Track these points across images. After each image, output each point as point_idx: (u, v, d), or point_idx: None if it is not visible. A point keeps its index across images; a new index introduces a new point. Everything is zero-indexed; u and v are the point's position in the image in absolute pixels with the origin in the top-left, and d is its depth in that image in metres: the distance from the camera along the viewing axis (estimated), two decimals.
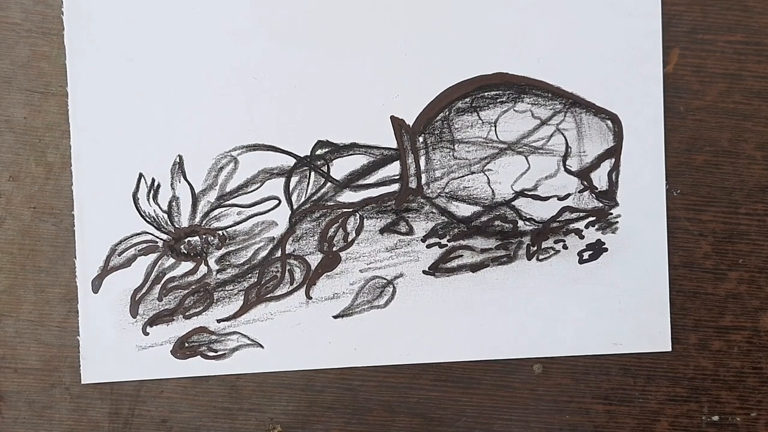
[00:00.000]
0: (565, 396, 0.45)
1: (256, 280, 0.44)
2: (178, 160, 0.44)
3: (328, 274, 0.45)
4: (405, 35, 0.44)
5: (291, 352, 0.45)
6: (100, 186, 0.44)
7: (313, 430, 0.45)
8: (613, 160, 0.45)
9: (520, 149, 0.45)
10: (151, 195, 0.44)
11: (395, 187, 0.45)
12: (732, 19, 0.44)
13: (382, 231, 0.45)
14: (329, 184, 0.44)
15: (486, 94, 0.44)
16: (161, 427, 0.45)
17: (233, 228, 0.44)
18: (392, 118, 0.44)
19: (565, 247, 0.45)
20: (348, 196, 0.44)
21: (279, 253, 0.44)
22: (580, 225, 0.45)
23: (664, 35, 0.44)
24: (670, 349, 0.45)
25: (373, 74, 0.44)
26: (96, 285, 0.44)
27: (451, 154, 0.45)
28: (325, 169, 0.44)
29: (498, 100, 0.44)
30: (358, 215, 0.45)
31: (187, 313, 0.44)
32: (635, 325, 0.45)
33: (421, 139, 0.44)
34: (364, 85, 0.44)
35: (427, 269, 0.45)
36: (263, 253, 0.44)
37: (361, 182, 0.44)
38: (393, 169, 0.44)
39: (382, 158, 0.44)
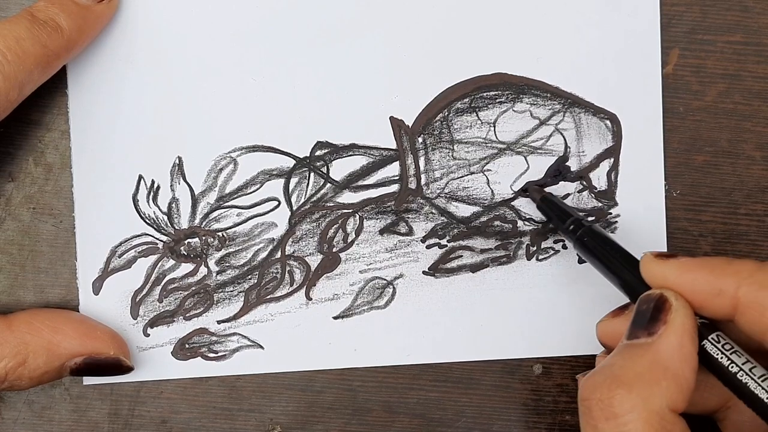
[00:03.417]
0: (565, 396, 0.45)
1: (256, 281, 0.44)
2: (177, 161, 0.44)
3: (328, 275, 0.45)
4: (404, 35, 0.44)
5: (291, 352, 0.45)
6: (100, 187, 0.44)
7: (312, 430, 0.45)
8: (612, 160, 0.45)
9: (520, 149, 0.45)
10: (150, 197, 0.44)
11: (395, 187, 0.45)
12: (731, 20, 0.44)
13: (381, 232, 0.45)
14: (329, 185, 0.44)
15: (485, 94, 0.44)
16: (161, 427, 0.45)
17: (233, 229, 0.44)
18: (391, 118, 0.44)
19: (564, 246, 0.45)
20: (347, 197, 0.44)
21: (279, 255, 0.44)
22: None
23: (663, 35, 0.44)
24: None
25: (372, 75, 0.44)
26: (96, 287, 0.44)
27: (450, 154, 0.45)
28: (324, 170, 0.44)
29: (497, 101, 0.44)
30: (357, 216, 0.45)
31: (187, 315, 0.44)
32: None
33: (420, 139, 0.44)
34: (364, 85, 0.44)
35: (427, 270, 0.45)
36: (263, 255, 0.44)
37: (360, 183, 0.44)
38: (392, 169, 0.44)
39: (381, 159, 0.44)
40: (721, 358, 0.35)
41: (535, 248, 0.45)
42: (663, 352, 0.34)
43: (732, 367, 0.35)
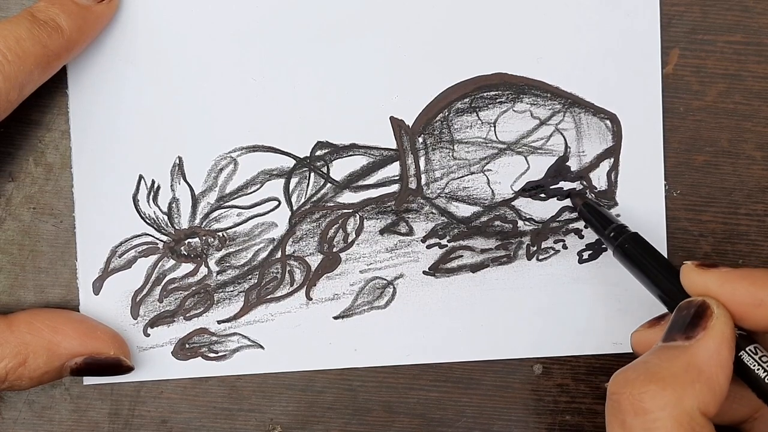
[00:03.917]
0: (565, 396, 0.45)
1: (256, 281, 0.44)
2: (177, 161, 0.44)
3: (329, 275, 0.45)
4: (404, 35, 0.44)
5: (291, 352, 0.45)
6: (100, 187, 0.44)
7: (313, 430, 0.45)
8: (612, 159, 0.45)
9: (520, 149, 0.45)
10: (151, 197, 0.44)
11: (395, 187, 0.45)
12: (732, 20, 0.44)
13: (382, 232, 0.45)
14: (329, 185, 0.44)
15: (485, 94, 0.44)
16: (161, 427, 0.45)
17: (233, 229, 0.44)
18: (392, 118, 0.44)
19: (564, 246, 0.45)
20: (348, 197, 0.44)
21: (279, 255, 0.44)
22: (580, 225, 0.45)
23: (663, 35, 0.44)
24: None
25: (372, 75, 0.44)
26: (97, 287, 0.44)
27: (450, 154, 0.45)
28: (324, 170, 0.44)
29: (497, 101, 0.44)
30: (358, 216, 0.45)
31: (187, 315, 0.44)
32: (635, 324, 0.45)
33: (420, 139, 0.44)
34: (364, 85, 0.44)
35: (427, 270, 0.45)
36: (263, 255, 0.44)
37: (360, 183, 0.44)
38: (393, 169, 0.44)
39: (381, 159, 0.44)
40: (758, 369, 0.35)
41: (535, 248, 0.45)
42: (700, 355, 0.35)
43: None
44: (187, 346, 0.45)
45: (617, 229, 0.42)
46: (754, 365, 0.36)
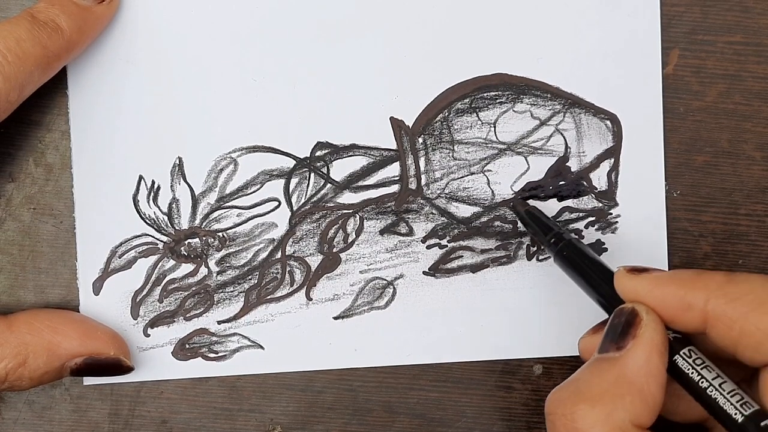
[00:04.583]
0: None
1: (256, 281, 0.44)
2: (177, 162, 0.44)
3: (329, 275, 0.45)
4: (404, 36, 0.44)
5: (291, 353, 0.45)
6: (100, 188, 0.44)
7: (313, 430, 0.45)
8: (613, 160, 0.45)
9: (520, 150, 0.45)
10: (151, 197, 0.44)
11: (395, 188, 0.45)
12: (732, 20, 0.44)
13: (382, 232, 0.45)
14: (329, 185, 0.44)
15: (485, 94, 0.44)
16: (161, 427, 0.45)
17: (233, 230, 0.44)
18: (392, 119, 0.44)
19: None
20: (348, 198, 0.44)
21: (279, 255, 0.44)
22: (580, 225, 0.45)
23: (663, 36, 0.44)
24: None
25: (372, 75, 0.44)
26: (97, 287, 0.44)
27: (450, 154, 0.45)
28: (324, 170, 0.44)
29: (497, 101, 0.44)
30: (358, 216, 0.45)
31: (187, 315, 0.44)
32: None
33: (420, 140, 0.44)
34: (364, 86, 0.44)
35: (427, 270, 0.45)
36: (263, 255, 0.44)
37: (360, 183, 0.44)
38: (393, 170, 0.44)
39: (381, 159, 0.44)
40: (692, 373, 0.35)
41: (535, 248, 0.45)
42: (629, 366, 0.35)
43: (702, 382, 0.35)
44: (187, 346, 0.45)
45: (556, 236, 0.42)
46: (688, 369, 0.35)
